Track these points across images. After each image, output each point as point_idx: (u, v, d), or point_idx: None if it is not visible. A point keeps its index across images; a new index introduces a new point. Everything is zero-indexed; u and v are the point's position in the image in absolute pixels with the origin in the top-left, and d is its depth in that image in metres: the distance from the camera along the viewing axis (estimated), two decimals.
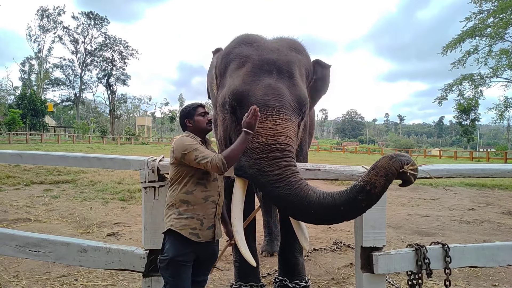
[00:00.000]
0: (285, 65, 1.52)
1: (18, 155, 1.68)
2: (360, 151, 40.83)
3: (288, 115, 1.41)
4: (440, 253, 1.47)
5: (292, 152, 1.38)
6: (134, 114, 76.88)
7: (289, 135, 1.39)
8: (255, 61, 1.53)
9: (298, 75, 1.55)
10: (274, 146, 1.35)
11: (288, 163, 1.33)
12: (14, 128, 30.15)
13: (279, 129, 1.38)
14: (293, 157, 1.37)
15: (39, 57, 53.57)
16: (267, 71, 1.49)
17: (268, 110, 1.39)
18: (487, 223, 4.41)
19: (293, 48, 1.66)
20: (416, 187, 7.37)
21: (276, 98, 1.41)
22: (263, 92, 1.43)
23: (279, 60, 1.53)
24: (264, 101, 1.41)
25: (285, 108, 1.40)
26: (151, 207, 1.47)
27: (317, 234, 3.69)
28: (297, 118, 1.46)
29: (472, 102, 27.32)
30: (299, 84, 1.51)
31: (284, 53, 1.58)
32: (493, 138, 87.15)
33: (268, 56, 1.54)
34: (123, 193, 5.50)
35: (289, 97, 1.44)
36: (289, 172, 1.31)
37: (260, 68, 1.51)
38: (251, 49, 1.60)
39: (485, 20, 19.57)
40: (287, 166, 1.32)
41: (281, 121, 1.38)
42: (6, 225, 3.64)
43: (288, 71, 1.52)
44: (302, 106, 1.48)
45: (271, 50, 1.58)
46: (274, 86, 1.44)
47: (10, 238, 1.57)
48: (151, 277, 1.46)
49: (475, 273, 2.64)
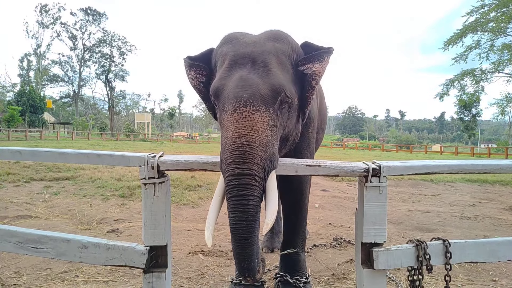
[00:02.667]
0: (259, 55, 1.49)
1: (17, 152, 1.67)
2: (361, 147, 40.86)
3: (256, 106, 1.34)
4: (440, 248, 1.47)
5: (256, 147, 1.30)
6: (133, 111, 76.85)
7: (256, 128, 1.32)
8: (231, 57, 1.53)
9: (275, 64, 1.48)
10: (236, 144, 1.30)
11: (245, 171, 1.27)
12: (13, 125, 30.17)
13: (244, 122, 1.32)
14: (254, 157, 1.28)
15: (37, 54, 53.40)
16: (242, 64, 1.48)
17: (236, 102, 1.36)
18: (488, 219, 4.41)
19: (271, 38, 1.60)
20: (417, 183, 7.39)
21: (245, 89, 1.37)
22: (234, 85, 1.40)
23: (254, 52, 1.50)
24: (233, 93, 1.38)
25: (253, 99, 1.35)
26: (151, 203, 1.46)
27: (317, 230, 3.70)
28: (269, 107, 1.38)
29: (473, 98, 27.30)
30: (274, 72, 1.45)
31: (260, 45, 1.55)
32: (494, 134, 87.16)
33: (243, 50, 1.53)
34: (123, 190, 5.50)
35: (261, 86, 1.38)
36: (241, 182, 1.27)
37: (235, 63, 1.50)
38: (229, 46, 1.59)
39: (487, 15, 19.45)
40: (242, 175, 1.27)
41: (247, 113, 1.33)
42: (6, 221, 3.65)
43: (263, 61, 1.47)
44: (276, 93, 1.39)
45: (247, 44, 1.56)
46: (245, 77, 1.41)
47: (11, 234, 1.56)
48: (152, 273, 1.46)
49: (475, 269, 2.64)
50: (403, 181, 7.50)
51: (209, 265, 2.65)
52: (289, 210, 2.19)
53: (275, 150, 1.39)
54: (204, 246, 3.02)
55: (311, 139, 2.05)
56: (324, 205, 5.13)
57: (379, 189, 1.45)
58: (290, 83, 1.50)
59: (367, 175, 1.44)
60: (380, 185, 1.45)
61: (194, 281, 2.37)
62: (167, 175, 1.52)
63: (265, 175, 1.32)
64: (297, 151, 1.94)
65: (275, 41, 1.57)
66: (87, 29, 54.91)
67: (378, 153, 28.39)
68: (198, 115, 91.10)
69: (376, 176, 1.45)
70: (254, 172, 1.28)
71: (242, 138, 1.30)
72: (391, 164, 1.47)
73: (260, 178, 1.29)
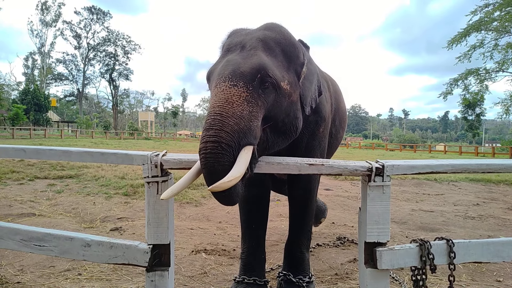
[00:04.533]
0: (248, 41, 1.58)
1: (22, 150, 1.67)
2: (364, 146, 40.75)
3: (235, 81, 1.40)
4: (444, 248, 1.46)
5: (227, 117, 1.32)
6: (137, 109, 77.07)
7: (231, 101, 1.36)
8: (226, 47, 1.66)
9: (261, 48, 1.55)
10: (210, 114, 1.36)
11: (211, 138, 1.29)
12: (18, 123, 30.39)
13: (221, 95, 1.39)
14: (223, 124, 1.31)
15: (41, 52, 53.66)
16: (233, 51, 1.58)
17: (217, 78, 1.45)
18: (492, 219, 4.39)
19: (262, 28, 1.70)
20: (421, 182, 7.35)
21: (227, 68, 1.45)
22: (221, 66, 1.49)
23: (244, 39, 1.60)
24: (217, 72, 1.48)
25: (232, 75, 1.41)
26: (154, 202, 1.47)
27: (320, 229, 3.69)
28: (248, 83, 1.41)
29: (477, 97, 27.13)
30: (257, 54, 1.51)
31: (252, 33, 1.65)
32: (498, 133, 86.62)
33: (236, 39, 1.64)
34: (126, 188, 5.52)
35: (241, 64, 1.45)
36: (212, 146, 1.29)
37: (228, 50, 1.61)
38: (228, 39, 1.72)
39: (491, 14, 19.33)
40: (209, 142, 1.29)
41: (225, 87, 1.40)
42: (10, 219, 3.67)
43: (250, 45, 1.55)
44: (255, 70, 1.43)
45: (242, 34, 1.67)
46: (230, 59, 1.50)
47: (15, 232, 1.57)
48: (155, 271, 1.46)
49: (479, 269, 2.63)
50: (406, 181, 7.48)
51: (212, 263, 2.66)
52: (296, 208, 2.18)
53: (253, 126, 1.38)
54: (207, 245, 3.03)
55: (322, 138, 2.05)
56: (328, 204, 5.11)
57: (383, 189, 1.44)
58: (276, 67, 1.54)
59: (370, 174, 1.44)
60: (384, 185, 1.44)
61: (197, 279, 2.37)
62: (170, 174, 1.52)
63: (235, 145, 1.31)
64: (308, 150, 1.96)
65: (266, 30, 1.67)
66: (91, 28, 55.13)
67: (382, 152, 28.28)
68: (202, 114, 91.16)
69: (379, 175, 1.44)
70: (221, 140, 1.28)
71: (216, 108, 1.36)
72: (394, 163, 1.46)
73: (227, 146, 1.29)
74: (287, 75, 1.58)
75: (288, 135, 1.64)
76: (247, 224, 2.17)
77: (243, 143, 1.34)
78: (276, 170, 1.50)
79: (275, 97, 1.50)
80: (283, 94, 1.54)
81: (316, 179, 2.20)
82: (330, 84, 2.38)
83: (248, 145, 1.36)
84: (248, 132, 1.36)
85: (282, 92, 1.53)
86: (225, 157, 1.28)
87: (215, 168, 1.27)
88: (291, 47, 1.66)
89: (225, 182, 1.21)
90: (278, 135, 1.59)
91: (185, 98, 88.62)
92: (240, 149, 1.33)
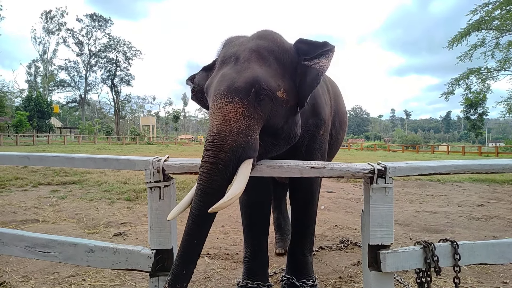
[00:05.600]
0: (241, 53, 1.57)
1: (25, 157, 1.69)
2: (366, 147, 40.68)
3: (230, 98, 1.40)
4: (449, 250, 1.45)
5: (225, 136, 1.34)
6: (139, 114, 77.35)
7: (228, 118, 1.37)
8: (221, 58, 1.65)
9: (254, 59, 1.54)
10: (209, 133, 1.37)
11: (210, 159, 1.31)
12: (21, 130, 30.56)
13: (218, 113, 1.39)
14: (221, 145, 1.33)
15: (44, 59, 54.04)
16: (228, 63, 1.58)
17: (214, 95, 1.45)
18: (497, 219, 4.36)
19: (255, 37, 1.68)
20: (424, 183, 7.33)
21: (222, 83, 1.45)
22: (217, 81, 1.49)
23: (238, 51, 1.59)
24: (213, 88, 1.49)
25: (227, 91, 1.42)
26: (156, 207, 1.47)
27: (323, 232, 3.68)
28: (243, 98, 1.41)
29: (479, 96, 27.04)
30: (251, 66, 1.50)
31: (245, 44, 1.63)
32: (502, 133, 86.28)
33: (231, 50, 1.63)
34: (129, 193, 5.53)
35: (236, 79, 1.45)
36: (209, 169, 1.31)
37: (223, 63, 1.60)
38: (223, 50, 1.71)
39: (491, 13, 19.28)
40: (207, 163, 1.31)
41: (222, 105, 1.40)
42: (15, 226, 3.68)
43: (244, 57, 1.55)
44: (249, 85, 1.43)
45: (235, 45, 1.66)
46: (225, 73, 1.50)
47: (19, 239, 1.58)
48: (158, 276, 1.46)
49: (485, 270, 2.61)
50: (409, 182, 7.45)
51: (215, 268, 2.65)
52: (298, 211, 2.17)
53: (251, 140, 1.40)
54: (210, 249, 3.02)
55: (322, 141, 2.04)
56: (330, 206, 5.11)
57: (385, 190, 1.44)
58: (272, 77, 1.53)
59: (372, 176, 1.43)
60: (386, 186, 1.44)
61: (200, 284, 2.37)
62: (172, 179, 1.52)
63: (235, 161, 1.34)
64: (308, 152, 1.95)
65: (259, 39, 1.65)
66: (93, 34, 55.51)
67: (384, 153, 28.21)
68: (203, 118, 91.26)
69: (381, 177, 1.44)
70: (219, 161, 1.31)
71: (214, 127, 1.37)
72: (396, 165, 1.46)
73: (224, 166, 1.31)
74: (283, 83, 1.56)
75: (288, 140, 1.64)
76: (249, 229, 2.17)
77: (243, 158, 1.37)
78: (277, 173, 1.49)
79: (272, 106, 1.50)
80: (280, 103, 1.53)
81: (318, 182, 2.19)
82: (329, 86, 2.36)
83: (247, 159, 1.38)
84: (247, 146, 1.37)
85: (278, 101, 1.52)
86: (219, 179, 1.31)
87: (206, 190, 1.29)
88: (284, 54, 1.64)
89: (225, 202, 1.24)
90: (277, 141, 1.60)
91: (186, 102, 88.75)
92: (239, 163, 1.36)
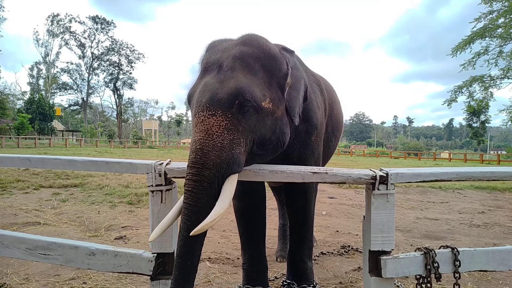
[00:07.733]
0: (225, 61, 1.50)
1: (27, 159, 1.70)
2: (368, 154, 40.63)
3: (213, 110, 1.35)
4: (449, 257, 1.45)
5: (208, 152, 1.32)
6: (141, 118, 77.56)
7: (211, 132, 1.33)
8: (203, 65, 1.58)
9: (238, 67, 1.47)
10: (192, 149, 1.35)
11: (194, 177, 1.30)
12: (23, 133, 30.63)
13: (201, 126, 1.35)
14: (204, 161, 1.31)
15: (46, 62, 54.30)
16: (210, 71, 1.52)
17: (196, 107, 1.40)
18: (498, 227, 4.34)
19: (239, 43, 1.59)
20: (425, 190, 7.31)
21: (204, 94, 1.40)
22: (200, 91, 1.44)
23: (221, 58, 1.52)
24: (196, 99, 1.43)
25: (210, 103, 1.36)
26: (158, 210, 1.48)
27: (324, 237, 3.67)
28: (226, 111, 1.36)
29: (482, 104, 27.03)
30: (235, 75, 1.44)
31: (228, 50, 1.56)
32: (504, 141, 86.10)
33: (214, 57, 1.56)
34: (131, 197, 5.54)
35: (219, 90, 1.39)
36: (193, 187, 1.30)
37: (206, 70, 1.54)
38: (206, 54, 1.64)
39: (495, 21, 19.34)
40: (191, 180, 1.30)
41: (204, 118, 1.36)
42: (16, 228, 3.69)
43: (227, 65, 1.48)
44: (233, 96, 1.37)
45: (218, 51, 1.58)
46: (207, 83, 1.44)
47: (20, 241, 1.59)
48: (159, 280, 1.46)
49: (485, 277, 2.60)
50: (411, 188, 7.43)
51: (216, 272, 2.65)
52: (294, 218, 2.16)
53: (235, 154, 1.36)
54: (211, 253, 3.02)
55: (315, 147, 1.99)
56: (331, 212, 5.10)
57: (387, 197, 1.45)
58: (257, 85, 1.46)
59: (374, 183, 1.44)
60: (388, 193, 1.45)
61: None
62: (174, 182, 1.53)
63: (219, 178, 1.32)
64: (301, 159, 1.91)
65: (243, 45, 1.56)
66: (95, 37, 55.81)
67: (386, 160, 28.15)
68: None
69: (383, 184, 1.44)
70: (203, 178, 1.29)
71: (197, 142, 1.34)
72: (398, 171, 1.47)
73: (209, 183, 1.30)
74: (269, 92, 1.51)
75: (275, 150, 1.60)
76: (245, 235, 2.16)
77: (227, 173, 1.34)
78: (279, 178, 1.50)
79: (258, 118, 1.45)
80: (266, 114, 1.48)
81: (313, 187, 2.15)
82: (323, 87, 2.25)
83: (232, 174, 1.36)
84: (231, 161, 1.34)
85: (264, 112, 1.47)
86: (205, 196, 1.29)
87: (192, 209, 1.28)
88: (271, 61, 1.57)
89: (208, 223, 1.21)
90: (264, 151, 1.55)
91: (188, 107, 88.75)
92: (224, 180, 1.33)
